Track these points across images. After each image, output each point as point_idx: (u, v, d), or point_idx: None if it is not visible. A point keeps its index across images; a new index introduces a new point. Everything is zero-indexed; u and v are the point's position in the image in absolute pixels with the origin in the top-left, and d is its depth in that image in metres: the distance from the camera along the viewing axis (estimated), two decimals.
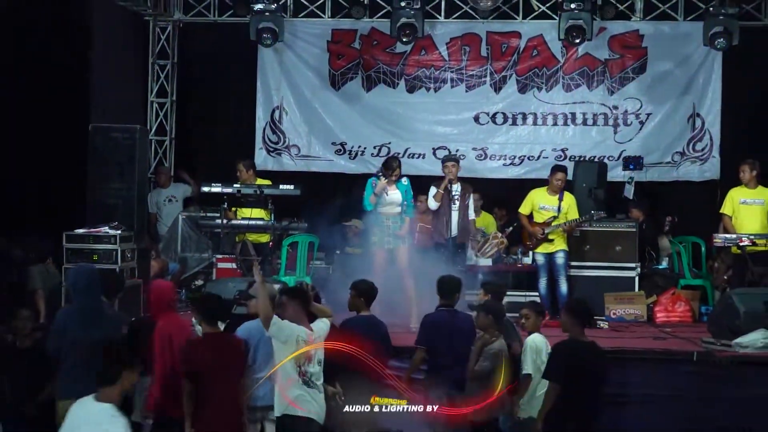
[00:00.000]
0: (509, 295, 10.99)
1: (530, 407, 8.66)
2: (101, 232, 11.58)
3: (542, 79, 15.80)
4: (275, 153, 16.01)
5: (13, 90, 12.52)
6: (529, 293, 12.32)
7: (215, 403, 7.70)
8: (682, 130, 15.62)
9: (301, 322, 7.90)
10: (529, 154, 15.74)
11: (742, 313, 10.70)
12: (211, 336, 7.88)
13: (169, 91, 16.31)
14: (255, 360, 8.43)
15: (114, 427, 6.13)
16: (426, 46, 15.77)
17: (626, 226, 13.26)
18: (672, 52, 15.59)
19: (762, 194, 12.51)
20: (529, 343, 8.84)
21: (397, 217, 11.65)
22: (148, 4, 15.49)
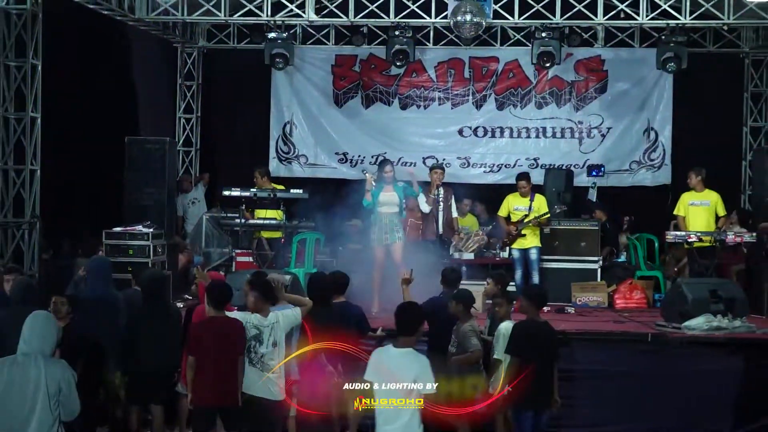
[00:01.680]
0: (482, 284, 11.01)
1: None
2: (136, 230, 11.56)
3: (517, 98, 15.84)
4: (286, 161, 16.01)
5: (68, 108, 12.53)
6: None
7: (213, 377, 7.69)
8: (638, 141, 15.66)
9: (261, 311, 7.88)
10: (506, 163, 15.77)
11: (690, 300, 10.69)
12: (215, 318, 7.86)
13: (194, 107, 16.33)
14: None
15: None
16: (417, 69, 15.79)
17: (590, 225, 13.26)
18: (629, 74, 15.63)
19: (708, 196, 12.53)
20: (502, 330, 8.58)
21: (393, 216, 11.60)
22: (177, 33, 15.51)
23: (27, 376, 5.74)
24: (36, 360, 5.77)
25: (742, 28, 15.16)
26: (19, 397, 5.74)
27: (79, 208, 12.90)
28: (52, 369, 5.80)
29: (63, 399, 5.79)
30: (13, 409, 5.74)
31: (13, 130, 11.62)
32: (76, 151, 12.93)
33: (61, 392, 5.79)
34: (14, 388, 5.75)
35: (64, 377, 5.80)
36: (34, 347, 5.81)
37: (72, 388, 5.84)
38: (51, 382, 5.75)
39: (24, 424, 5.72)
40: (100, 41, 13.56)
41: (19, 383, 5.74)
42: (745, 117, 15.64)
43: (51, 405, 5.74)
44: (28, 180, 11.63)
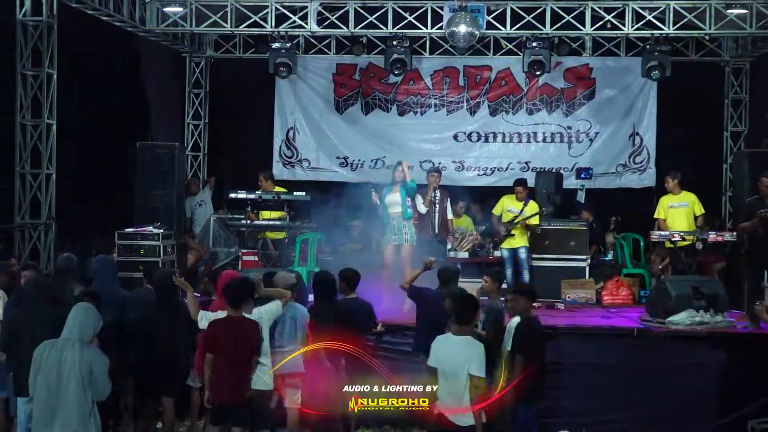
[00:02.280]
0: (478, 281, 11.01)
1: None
2: (146, 230, 11.58)
3: (509, 105, 15.83)
4: (290, 165, 16.01)
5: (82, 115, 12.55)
6: None
7: (229, 375, 7.72)
8: (624, 146, 15.66)
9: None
10: (499, 166, 15.77)
11: (673, 296, 10.69)
12: (232, 318, 7.87)
13: (202, 114, 16.33)
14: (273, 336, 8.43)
15: None
16: (414, 78, 15.79)
17: (578, 225, 13.25)
18: (616, 82, 15.64)
19: (686, 198, 12.55)
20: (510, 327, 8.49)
21: (399, 216, 11.56)
22: (185, 43, 15.52)
23: (63, 358, 6.30)
24: (73, 345, 6.33)
25: (723, 38, 15.18)
26: (56, 376, 6.30)
27: (93, 210, 12.89)
28: (86, 354, 6.33)
29: (93, 381, 6.33)
30: (51, 385, 6.30)
31: (30, 136, 11.64)
32: (89, 155, 12.94)
33: (92, 374, 6.32)
34: (53, 368, 6.31)
35: (95, 362, 6.34)
36: (74, 334, 6.38)
37: (103, 372, 6.38)
38: (83, 365, 6.29)
39: (60, 399, 6.29)
40: (113, 51, 13.56)
41: (57, 364, 6.30)
42: (726, 122, 15.66)
43: (83, 385, 6.28)
44: (44, 183, 11.64)
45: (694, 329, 10.28)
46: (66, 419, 6.29)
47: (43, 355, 6.37)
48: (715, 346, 10.09)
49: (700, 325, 10.34)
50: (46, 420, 6.33)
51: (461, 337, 6.94)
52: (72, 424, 6.30)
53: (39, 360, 6.37)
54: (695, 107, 15.40)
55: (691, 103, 15.31)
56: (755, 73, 15.36)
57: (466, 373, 6.79)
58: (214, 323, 7.87)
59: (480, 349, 6.89)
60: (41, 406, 6.36)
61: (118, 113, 13.59)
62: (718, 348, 10.06)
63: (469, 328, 7.04)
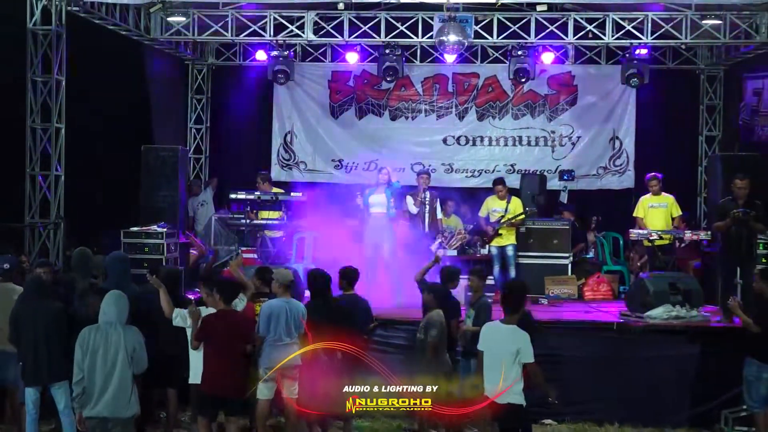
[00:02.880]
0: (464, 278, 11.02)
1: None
2: (151, 229, 11.57)
3: (496, 110, 15.84)
4: (287, 168, 15.99)
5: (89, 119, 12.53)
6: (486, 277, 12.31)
7: (223, 365, 7.72)
8: (605, 149, 15.68)
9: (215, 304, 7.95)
10: (486, 168, 15.77)
11: (651, 292, 10.72)
12: (225, 312, 7.86)
13: (204, 119, 16.31)
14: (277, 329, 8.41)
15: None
16: (405, 84, 15.79)
17: (561, 225, 13.26)
18: (597, 88, 15.65)
19: (665, 200, 12.56)
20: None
21: (382, 216, 11.61)
22: (188, 51, 15.51)
23: (109, 340, 6.86)
24: (115, 327, 6.90)
25: (698, 47, 15.20)
26: (103, 357, 6.83)
27: (100, 210, 12.86)
28: (128, 333, 6.93)
29: (135, 356, 6.92)
30: (100, 365, 6.84)
31: (40, 139, 11.62)
32: (96, 158, 12.90)
33: (135, 351, 6.92)
34: (100, 350, 6.84)
35: (136, 340, 6.95)
36: (113, 317, 6.93)
37: (142, 348, 6.98)
38: (128, 343, 6.88)
39: (108, 377, 6.83)
40: (119, 58, 13.52)
41: (104, 345, 6.84)
42: (701, 127, 15.69)
43: (128, 362, 6.87)
44: (53, 184, 11.62)
45: (671, 323, 10.31)
46: (115, 393, 6.84)
47: (89, 339, 6.86)
48: (691, 339, 10.13)
49: (677, 319, 10.37)
50: (98, 396, 6.84)
51: (509, 326, 7.19)
52: (120, 397, 6.85)
53: (86, 343, 6.86)
54: (672, 113, 15.47)
55: (667, 109, 15.38)
56: (729, 81, 15.40)
57: (511, 358, 7.06)
58: (210, 316, 7.87)
59: (526, 337, 7.14)
60: (92, 384, 6.84)
61: (123, 117, 13.56)
62: (694, 341, 10.10)
63: (516, 318, 7.24)
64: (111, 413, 6.86)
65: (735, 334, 9.59)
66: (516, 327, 7.20)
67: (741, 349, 9.26)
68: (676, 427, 9.74)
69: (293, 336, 8.45)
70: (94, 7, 12.13)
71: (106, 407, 6.85)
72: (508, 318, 7.27)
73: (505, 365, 7.07)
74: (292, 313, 8.46)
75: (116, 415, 6.89)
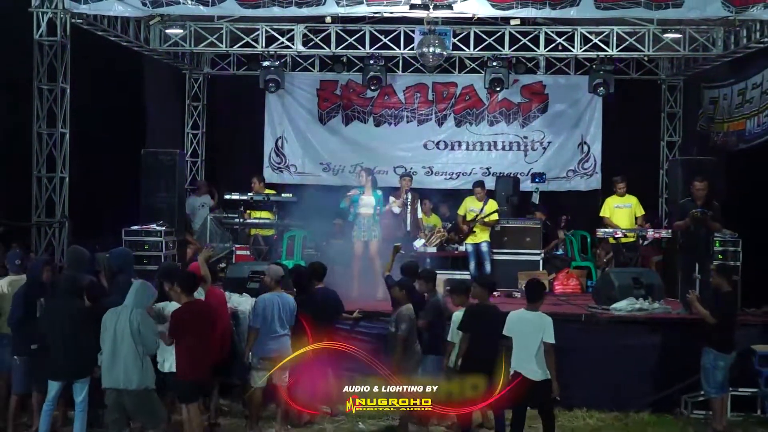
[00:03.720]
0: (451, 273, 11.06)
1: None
2: (150, 228, 11.51)
3: (473, 117, 15.87)
4: (278, 170, 15.95)
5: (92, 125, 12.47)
6: (464, 272, 12.34)
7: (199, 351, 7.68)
8: (574, 153, 15.73)
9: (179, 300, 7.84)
10: (463, 171, 15.79)
11: (616, 286, 10.76)
12: (189, 304, 7.81)
13: (200, 124, 16.25)
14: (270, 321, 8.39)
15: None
16: (388, 93, 15.79)
17: (533, 224, 13.29)
18: (566, 97, 15.70)
19: (629, 200, 12.65)
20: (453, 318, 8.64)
21: (370, 217, 11.61)
22: (185, 61, 15.45)
23: (120, 321, 7.34)
24: (129, 310, 7.36)
25: (660, 59, 15.27)
26: (113, 334, 7.34)
27: (102, 210, 12.81)
28: (136, 317, 7.33)
29: (142, 338, 7.30)
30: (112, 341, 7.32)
31: (46, 144, 11.56)
32: (99, 161, 12.84)
33: (141, 334, 7.30)
34: (111, 329, 7.35)
35: (142, 323, 7.33)
36: (129, 302, 7.40)
37: (148, 331, 7.35)
38: (133, 325, 7.29)
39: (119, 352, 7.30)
40: (120, 68, 13.48)
41: (114, 325, 7.35)
42: (662, 133, 15.75)
43: (135, 340, 7.28)
44: (58, 186, 11.56)
45: (635, 315, 10.35)
46: (125, 366, 7.28)
47: (107, 320, 7.39)
48: (653, 329, 10.16)
49: (640, 311, 10.41)
50: (110, 368, 7.32)
51: (533, 312, 7.93)
52: (128, 371, 7.27)
53: (104, 324, 7.39)
54: (635, 120, 15.51)
55: (632, 116, 15.43)
56: (688, 90, 15.47)
57: (537, 340, 7.73)
58: (178, 311, 7.75)
59: (549, 321, 7.85)
60: (106, 358, 7.34)
61: (124, 123, 13.49)
62: (656, 331, 10.14)
63: (539, 305, 7.97)
64: (122, 385, 7.31)
65: (693, 325, 9.63)
66: (541, 312, 7.93)
67: (699, 339, 9.32)
68: (639, 411, 9.75)
69: (285, 327, 8.46)
70: (97, 20, 12.07)
71: (117, 379, 7.31)
72: (530, 306, 7.98)
73: (535, 346, 7.74)
74: (283, 306, 8.46)
75: (126, 387, 7.30)
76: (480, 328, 8.13)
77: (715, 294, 9.31)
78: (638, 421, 9.54)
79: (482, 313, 8.25)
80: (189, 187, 15.10)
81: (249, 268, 10.52)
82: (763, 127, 12.23)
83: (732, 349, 9.22)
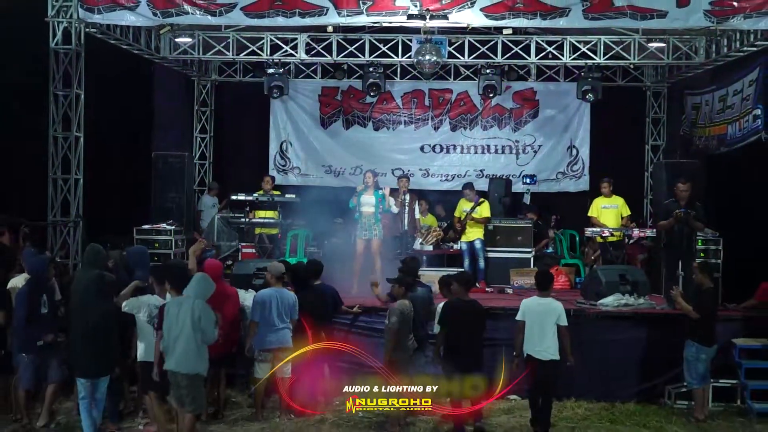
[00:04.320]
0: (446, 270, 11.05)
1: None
2: (161, 227, 11.53)
3: (467, 122, 15.85)
4: (282, 172, 15.92)
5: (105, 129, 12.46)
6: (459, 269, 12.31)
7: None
8: (563, 156, 15.72)
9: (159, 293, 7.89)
10: (458, 173, 15.75)
11: (603, 282, 10.77)
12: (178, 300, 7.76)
13: (208, 128, 16.23)
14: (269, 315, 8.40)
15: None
16: (387, 98, 15.77)
17: (524, 223, 13.31)
18: (556, 103, 15.68)
19: (616, 201, 12.65)
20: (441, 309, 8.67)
21: (371, 215, 11.61)
22: (194, 68, 15.44)
23: (182, 309, 7.34)
24: (191, 300, 7.37)
25: (645, 67, 15.28)
26: (175, 322, 7.34)
27: (115, 210, 12.80)
28: (197, 306, 7.34)
29: (202, 328, 7.29)
30: (173, 328, 7.34)
31: (61, 147, 11.55)
32: (112, 163, 12.87)
33: (201, 322, 7.28)
34: (173, 316, 7.35)
35: (203, 313, 7.32)
36: (190, 292, 7.42)
37: (208, 322, 7.34)
38: (194, 313, 7.29)
39: (178, 337, 7.31)
40: (132, 75, 13.47)
41: (177, 313, 7.34)
42: (647, 137, 15.75)
43: (194, 328, 7.27)
44: (73, 187, 11.55)
45: (621, 310, 10.36)
46: (182, 350, 7.29)
47: (169, 308, 7.43)
48: (638, 324, 10.17)
49: (626, 306, 10.42)
50: (170, 352, 7.35)
51: (545, 299, 8.36)
52: (187, 356, 7.29)
53: (167, 311, 7.42)
54: (622, 124, 15.52)
55: (618, 121, 15.43)
56: (671, 97, 15.46)
57: (550, 323, 8.17)
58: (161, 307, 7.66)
59: (561, 306, 8.32)
60: (168, 343, 7.35)
61: (136, 127, 13.50)
62: (641, 326, 10.15)
63: (548, 293, 8.43)
64: (179, 368, 7.33)
65: (677, 319, 9.65)
66: (552, 299, 8.37)
67: (682, 333, 9.35)
68: (625, 401, 9.77)
69: (285, 321, 8.47)
70: (110, 29, 12.06)
71: (176, 363, 7.34)
72: (542, 294, 8.42)
73: (547, 329, 8.14)
74: (282, 301, 8.47)
75: (182, 371, 7.33)
76: (458, 322, 8.16)
77: (698, 290, 9.33)
78: (624, 410, 9.54)
79: (460, 308, 8.26)
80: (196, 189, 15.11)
81: (254, 265, 10.54)
82: (744, 131, 12.23)
83: (713, 343, 9.24)
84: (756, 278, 10.76)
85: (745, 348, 9.87)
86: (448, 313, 8.26)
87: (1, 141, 11.44)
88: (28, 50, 11.57)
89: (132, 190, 13.00)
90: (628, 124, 15.57)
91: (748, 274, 10.94)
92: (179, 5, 11.16)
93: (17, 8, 11.27)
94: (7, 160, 11.61)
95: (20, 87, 11.63)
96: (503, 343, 8.94)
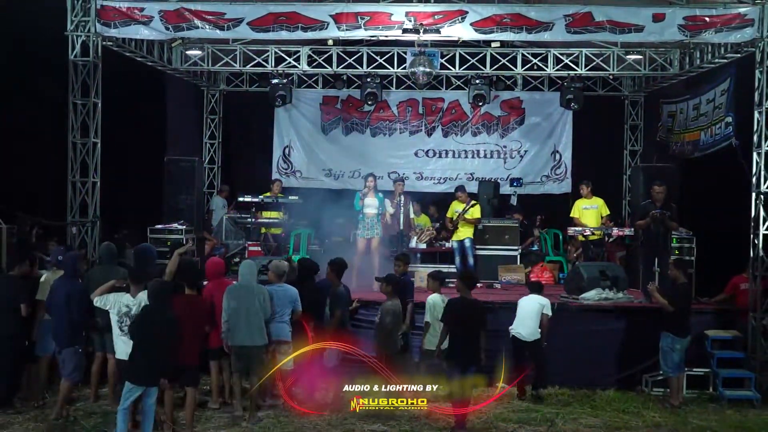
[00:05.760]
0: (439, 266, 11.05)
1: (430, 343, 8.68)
2: (173, 227, 11.51)
3: (458, 128, 15.86)
4: (286, 175, 15.89)
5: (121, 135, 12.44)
6: (450, 266, 12.35)
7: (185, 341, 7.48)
8: (547, 161, 15.73)
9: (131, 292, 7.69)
10: (450, 177, 15.75)
11: (585, 278, 10.79)
12: (188, 296, 7.79)
13: (217, 135, 16.20)
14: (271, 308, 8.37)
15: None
16: (383, 107, 15.77)
17: (511, 223, 13.31)
18: (540, 111, 15.70)
19: (595, 202, 12.69)
20: (429, 302, 8.78)
21: (373, 217, 11.62)
22: (203, 79, 15.42)
23: (250, 293, 8.08)
24: (250, 283, 8.15)
25: (623, 78, 15.31)
26: (240, 303, 8.02)
27: (129, 211, 12.78)
28: (257, 288, 8.15)
29: (263, 307, 8.06)
30: (239, 309, 7.99)
31: (79, 152, 11.50)
32: (127, 167, 12.82)
33: (263, 300, 8.08)
34: (239, 299, 8.02)
35: (262, 294, 8.12)
36: (247, 277, 8.18)
37: (266, 301, 8.09)
38: (258, 296, 8.07)
39: (248, 317, 8.00)
40: (145, 85, 13.45)
41: (242, 296, 8.06)
42: (625, 143, 15.75)
43: (258, 306, 8.02)
44: (90, 189, 11.50)
45: (601, 304, 10.39)
46: (249, 328, 7.97)
47: (230, 293, 8.05)
48: (618, 317, 10.20)
49: (606, 300, 10.45)
50: (237, 330, 7.99)
51: (533, 295, 9.42)
52: (252, 331, 7.98)
53: (231, 294, 8.04)
54: (602, 131, 15.54)
55: (598, 128, 15.45)
56: (648, 105, 15.48)
57: (536, 312, 9.24)
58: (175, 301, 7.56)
59: (548, 301, 9.39)
60: (233, 323, 7.97)
61: (149, 133, 13.46)
62: (620, 318, 10.18)
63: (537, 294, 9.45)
64: (246, 342, 7.97)
65: (653, 312, 9.66)
66: (539, 295, 9.42)
67: (658, 325, 9.37)
68: (605, 388, 9.79)
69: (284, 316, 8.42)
70: (125, 42, 12.05)
71: (243, 338, 7.97)
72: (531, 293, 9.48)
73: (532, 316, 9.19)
74: (282, 296, 8.41)
75: (249, 344, 7.99)
76: (460, 320, 8.09)
77: (673, 285, 9.35)
78: (604, 397, 9.56)
79: (463, 307, 8.20)
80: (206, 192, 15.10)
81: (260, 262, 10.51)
82: (716, 137, 12.26)
83: (687, 334, 9.26)
84: (727, 274, 10.79)
85: (717, 339, 9.91)
86: (452, 312, 8.16)
87: (25, 147, 11.41)
88: (50, 62, 11.54)
89: (146, 193, 12.96)
90: (607, 130, 15.59)
91: (720, 270, 10.96)
92: (190, 20, 11.14)
93: (40, 23, 11.27)
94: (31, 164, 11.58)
95: (42, 96, 11.63)
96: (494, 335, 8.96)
